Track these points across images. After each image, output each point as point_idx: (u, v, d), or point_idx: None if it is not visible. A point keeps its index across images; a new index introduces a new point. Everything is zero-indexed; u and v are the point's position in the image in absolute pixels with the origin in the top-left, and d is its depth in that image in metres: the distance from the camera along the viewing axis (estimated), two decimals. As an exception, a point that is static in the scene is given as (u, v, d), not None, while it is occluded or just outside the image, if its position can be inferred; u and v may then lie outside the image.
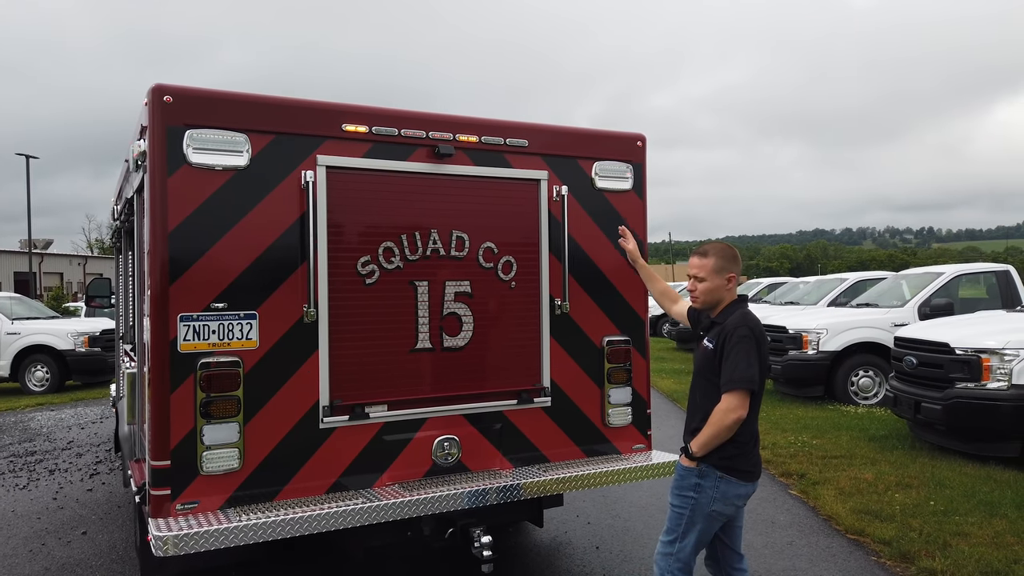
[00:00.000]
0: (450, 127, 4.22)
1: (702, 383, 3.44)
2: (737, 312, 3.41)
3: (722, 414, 3.22)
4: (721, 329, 3.37)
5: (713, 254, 3.46)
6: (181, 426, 3.59)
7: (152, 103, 3.56)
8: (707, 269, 3.44)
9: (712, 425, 3.25)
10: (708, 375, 3.39)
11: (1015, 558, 4.84)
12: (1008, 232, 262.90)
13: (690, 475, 3.36)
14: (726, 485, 3.32)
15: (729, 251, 3.51)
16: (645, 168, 4.89)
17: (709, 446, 3.27)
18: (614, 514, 6.07)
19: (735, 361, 3.24)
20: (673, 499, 3.43)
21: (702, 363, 3.43)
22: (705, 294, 3.47)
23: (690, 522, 3.35)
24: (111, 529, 5.94)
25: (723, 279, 3.45)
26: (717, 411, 3.25)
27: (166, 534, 3.33)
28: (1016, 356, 7.00)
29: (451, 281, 4.26)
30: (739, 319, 3.36)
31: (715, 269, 3.44)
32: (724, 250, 3.50)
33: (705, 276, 3.45)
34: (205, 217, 3.64)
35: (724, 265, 3.45)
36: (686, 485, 3.38)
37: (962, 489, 6.35)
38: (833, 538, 5.45)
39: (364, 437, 4.00)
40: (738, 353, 3.25)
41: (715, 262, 3.44)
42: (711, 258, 3.45)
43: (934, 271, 12.07)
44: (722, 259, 3.45)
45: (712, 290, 3.45)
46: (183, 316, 3.59)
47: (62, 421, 11.22)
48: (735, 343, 3.27)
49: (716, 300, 3.48)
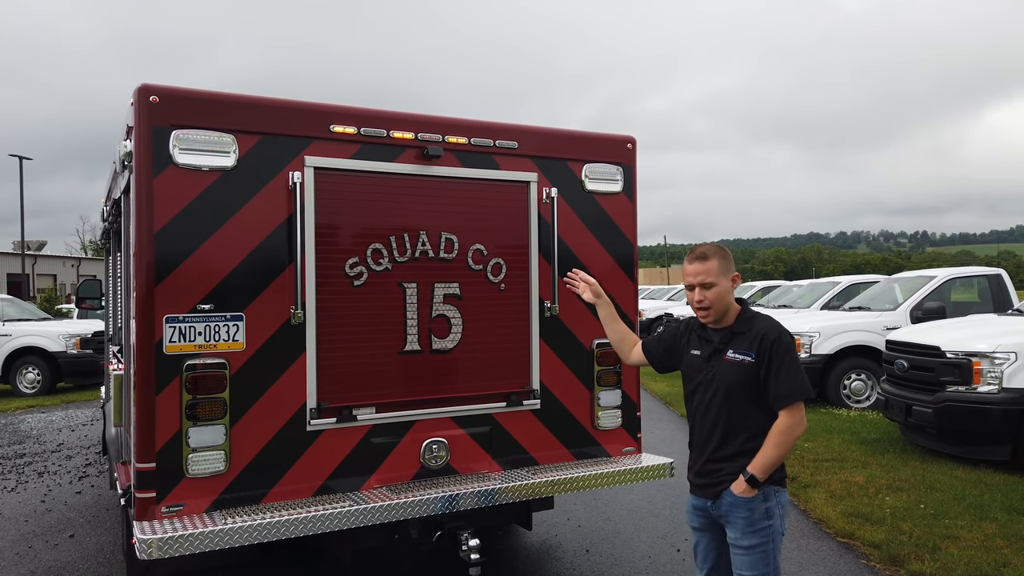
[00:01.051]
0: (439, 128, 4.21)
1: (738, 403, 3.04)
2: (760, 317, 3.12)
3: (788, 430, 2.93)
4: (754, 337, 3.03)
5: (714, 255, 3.10)
6: (167, 428, 3.56)
7: (138, 103, 3.54)
8: (713, 272, 3.06)
9: (779, 445, 2.94)
10: (747, 391, 3.01)
11: (1004, 561, 4.84)
12: (1001, 236, 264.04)
13: (758, 504, 2.99)
14: (783, 497, 3.07)
15: (725, 250, 3.19)
16: (635, 170, 4.89)
17: (774, 468, 2.98)
18: (605, 517, 6.06)
19: (791, 371, 2.95)
20: (747, 540, 2.98)
21: (737, 379, 3.03)
22: (717, 301, 3.07)
23: (774, 552, 3.01)
24: (99, 532, 5.90)
25: (729, 281, 3.11)
26: (781, 430, 2.94)
27: (151, 537, 3.31)
28: (1006, 360, 7.01)
29: (440, 283, 4.25)
30: (772, 324, 3.07)
31: (721, 271, 3.09)
32: (722, 250, 3.17)
33: (714, 280, 3.06)
34: (191, 218, 3.62)
35: (728, 265, 3.12)
36: (758, 517, 2.99)
37: (952, 492, 6.36)
38: (823, 541, 5.44)
39: (352, 440, 3.98)
40: (792, 362, 2.97)
41: (719, 263, 3.09)
42: (713, 260, 3.08)
43: (926, 275, 12.10)
44: (724, 259, 3.11)
45: (723, 295, 3.08)
46: (169, 317, 3.57)
47: (52, 423, 11.16)
48: (785, 351, 2.98)
49: (726, 307, 3.10)
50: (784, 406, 2.95)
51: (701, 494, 3.15)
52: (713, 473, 3.08)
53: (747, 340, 3.04)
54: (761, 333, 3.02)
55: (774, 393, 2.96)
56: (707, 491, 3.10)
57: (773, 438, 2.95)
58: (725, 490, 3.03)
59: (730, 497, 3.01)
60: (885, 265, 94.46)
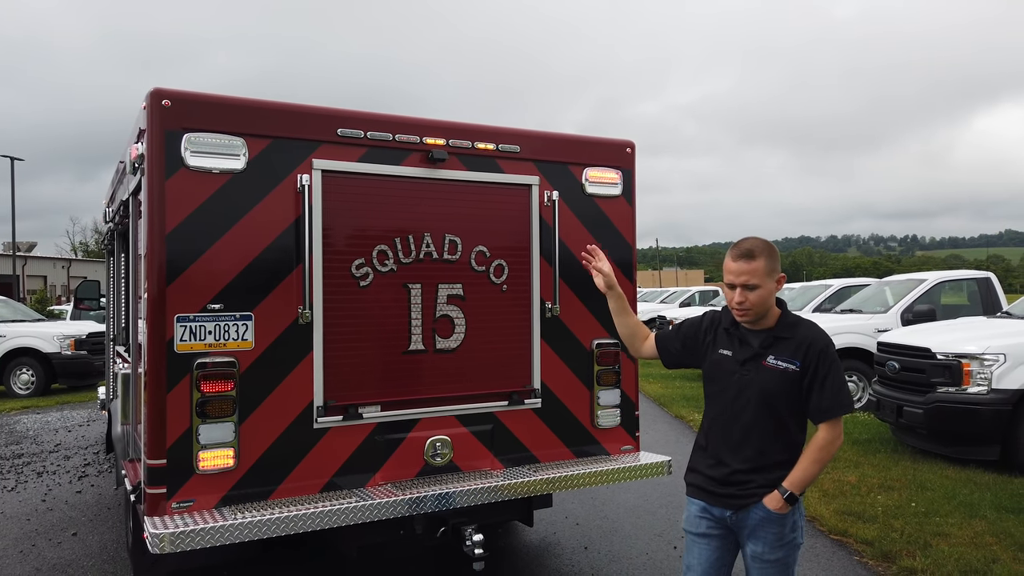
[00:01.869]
0: (443, 132, 4.30)
1: (771, 412, 2.85)
2: (804, 322, 2.92)
3: (828, 446, 2.78)
4: (799, 344, 2.83)
5: (761, 254, 2.83)
6: (177, 426, 3.63)
7: (151, 107, 3.61)
8: (759, 274, 2.81)
9: (819, 461, 2.79)
10: (786, 400, 2.83)
11: (993, 558, 4.95)
12: (991, 240, 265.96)
13: (789, 518, 2.85)
14: (802, 506, 2.94)
15: (774, 249, 2.90)
16: (634, 174, 4.99)
17: (811, 484, 2.87)
18: (603, 515, 6.15)
19: (837, 384, 2.79)
20: (774, 554, 2.85)
21: (778, 387, 2.83)
22: (759, 304, 2.84)
23: (794, 563, 2.92)
24: (101, 531, 5.95)
25: (774, 283, 2.86)
26: (822, 445, 2.78)
27: (162, 531, 3.38)
28: (996, 361, 7.14)
29: (444, 284, 4.33)
30: (819, 332, 2.88)
31: (768, 272, 2.83)
32: (771, 248, 2.88)
33: (759, 282, 2.81)
34: (202, 219, 3.69)
35: (775, 266, 2.87)
36: (787, 531, 2.86)
37: (943, 491, 6.48)
38: (817, 538, 5.55)
39: (357, 437, 4.06)
40: (838, 374, 2.81)
41: (766, 263, 2.82)
42: (761, 259, 2.81)
43: (917, 278, 12.26)
44: (772, 259, 2.85)
45: (766, 298, 2.84)
46: (180, 317, 3.64)
47: (48, 424, 11.16)
48: (832, 362, 2.81)
49: (766, 310, 2.88)
50: (825, 420, 2.79)
51: (721, 504, 2.94)
52: (743, 484, 2.88)
53: (791, 347, 2.84)
54: (808, 341, 2.84)
55: (817, 406, 2.80)
56: (731, 502, 2.91)
57: (812, 454, 2.79)
58: (756, 504, 2.86)
59: (762, 512, 2.85)
60: (876, 269, 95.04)
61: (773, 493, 2.82)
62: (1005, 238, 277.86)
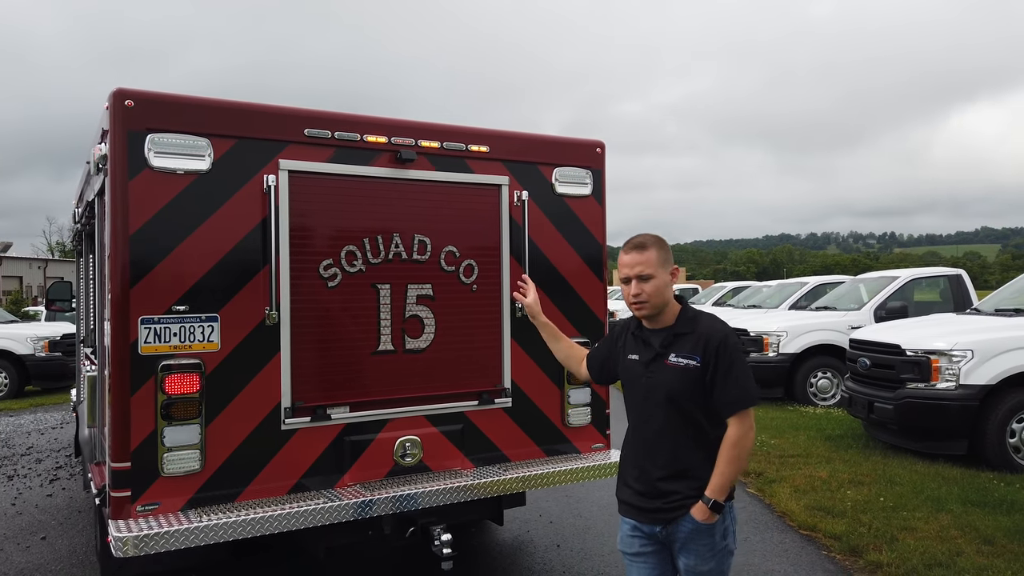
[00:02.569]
0: (412, 133, 4.30)
1: (680, 413, 2.79)
2: (703, 316, 2.89)
3: (739, 442, 2.69)
4: (699, 339, 2.78)
5: (652, 245, 2.86)
6: (142, 428, 3.61)
7: (113, 107, 3.58)
8: (652, 264, 2.82)
9: (733, 460, 2.69)
10: (693, 399, 2.77)
11: (958, 551, 5.04)
12: (967, 237, 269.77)
13: (719, 526, 2.76)
14: (733, 510, 2.85)
15: (664, 241, 2.93)
16: (604, 174, 5.01)
17: (732, 486, 2.75)
18: (576, 513, 6.18)
19: (739, 376, 2.72)
20: (707, 564, 2.76)
21: (682, 386, 2.78)
22: (655, 295, 2.82)
23: (727, 570, 2.83)
24: (71, 534, 5.89)
25: (668, 273, 2.87)
26: (733, 442, 2.69)
27: (126, 535, 3.36)
28: (963, 357, 7.25)
29: (413, 284, 4.33)
30: (717, 324, 2.84)
31: (660, 262, 2.84)
32: (661, 241, 2.91)
33: (652, 272, 2.82)
34: (166, 220, 3.66)
35: (667, 257, 2.87)
36: (719, 539, 2.76)
37: (911, 486, 6.57)
38: (786, 534, 5.61)
39: (326, 438, 4.05)
40: (740, 365, 2.74)
41: (658, 254, 2.84)
42: (652, 250, 2.84)
43: (890, 275, 12.42)
44: (663, 250, 2.86)
45: (662, 289, 2.83)
46: (144, 319, 3.62)
47: (21, 427, 11.03)
48: (733, 354, 2.74)
49: (664, 302, 2.86)
50: (732, 413, 2.72)
51: (650, 520, 2.84)
52: (666, 496, 2.80)
53: (691, 342, 2.80)
54: (706, 335, 2.79)
55: (721, 399, 2.73)
56: (659, 516, 2.82)
57: (725, 453, 2.71)
58: (684, 516, 2.76)
59: (691, 524, 2.75)
60: (855, 266, 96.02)
61: (698, 504, 2.74)
62: (981, 235, 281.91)
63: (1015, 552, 4.99)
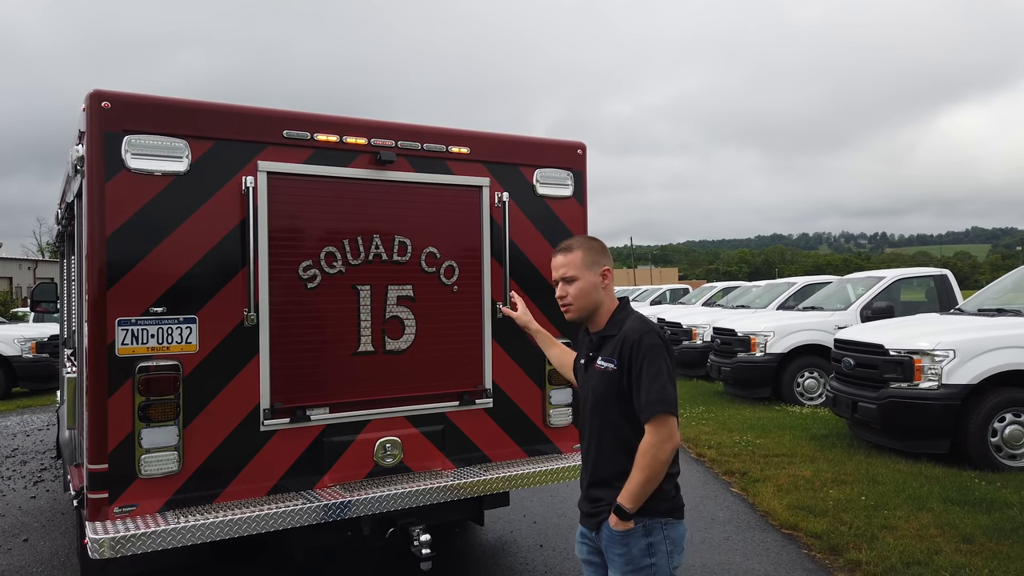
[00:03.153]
0: (392, 134, 4.31)
1: (603, 419, 2.73)
2: (632, 317, 2.77)
3: (655, 449, 2.54)
4: (619, 341, 2.68)
5: (579, 247, 2.83)
6: (119, 430, 3.60)
7: (90, 109, 3.58)
8: (576, 265, 2.79)
9: (644, 468, 2.54)
10: (612, 404, 2.69)
11: (936, 549, 5.08)
12: (958, 237, 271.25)
13: (636, 539, 2.62)
14: (673, 531, 2.67)
15: (597, 242, 2.88)
16: (586, 176, 5.03)
17: (646, 495, 2.58)
18: (560, 513, 6.20)
19: (654, 377, 2.58)
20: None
21: (601, 391, 2.72)
22: (579, 297, 2.79)
23: None
24: (54, 536, 5.88)
25: (596, 275, 2.80)
26: (644, 450, 2.55)
27: (103, 537, 3.35)
28: (946, 357, 7.30)
29: (393, 285, 4.34)
30: (639, 324, 2.71)
31: (585, 264, 2.80)
32: (590, 241, 2.88)
33: (576, 274, 2.78)
34: (144, 222, 3.66)
35: (595, 258, 2.82)
36: (637, 554, 2.62)
37: (893, 485, 6.62)
38: (768, 533, 5.65)
39: (305, 439, 4.06)
40: (652, 367, 2.59)
41: (583, 255, 2.81)
42: (577, 251, 2.81)
43: (876, 275, 12.49)
44: (591, 252, 2.82)
45: (586, 291, 2.78)
46: (121, 320, 3.61)
47: (7, 428, 10.98)
48: (646, 354, 2.60)
49: (593, 305, 2.81)
50: (646, 419, 2.57)
51: (587, 525, 2.82)
52: (595, 501, 2.76)
53: (612, 345, 2.72)
54: (624, 336, 2.68)
55: (636, 404, 2.61)
56: (590, 521, 2.79)
57: (638, 460, 2.57)
58: (604, 522, 2.69)
59: (607, 531, 2.66)
60: (846, 266, 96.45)
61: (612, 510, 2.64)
62: (972, 235, 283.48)
63: (993, 550, 5.03)
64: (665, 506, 2.65)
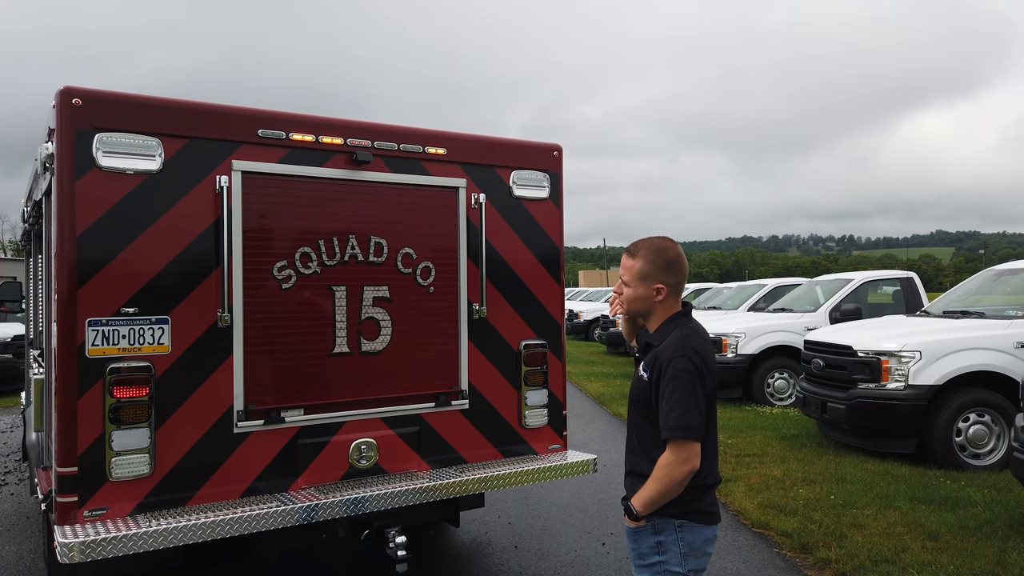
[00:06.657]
0: (368, 134, 4.29)
1: (638, 420, 2.79)
2: (675, 333, 2.70)
3: (670, 467, 2.58)
4: (656, 355, 2.70)
5: (643, 256, 2.75)
6: (89, 432, 3.55)
7: (60, 106, 3.52)
8: (632, 273, 2.76)
9: (658, 481, 2.59)
10: (644, 410, 2.74)
11: (903, 547, 5.18)
12: (923, 240, 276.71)
13: (644, 535, 2.69)
14: (690, 533, 2.67)
15: (663, 254, 2.75)
16: (562, 177, 5.05)
17: (657, 505, 2.63)
18: (534, 514, 6.21)
19: (674, 403, 2.58)
20: (639, 572, 2.74)
21: (637, 395, 2.79)
22: (628, 301, 2.80)
23: None
24: (18, 540, 5.75)
25: (649, 289, 2.74)
26: (663, 463, 2.59)
27: (72, 541, 3.29)
28: (912, 358, 7.45)
29: (369, 286, 4.32)
30: (677, 345, 2.65)
31: (640, 275, 2.75)
32: (656, 253, 2.75)
33: (629, 281, 2.78)
34: (115, 221, 3.61)
35: (652, 273, 2.73)
36: (646, 550, 2.69)
37: (862, 484, 6.73)
38: (740, 531, 5.71)
39: (280, 441, 4.02)
40: (675, 394, 2.58)
41: (641, 267, 2.75)
42: (638, 261, 2.76)
43: (844, 277, 12.70)
44: (651, 265, 2.74)
45: (635, 300, 2.78)
46: (91, 321, 3.55)
47: (-32, 431, 10.70)
48: (672, 378, 2.60)
49: (640, 312, 2.81)
50: (668, 440, 2.60)
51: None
52: (627, 489, 2.84)
53: (652, 356, 2.74)
54: (658, 352, 2.69)
55: (660, 421, 2.64)
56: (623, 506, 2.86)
57: (655, 471, 2.63)
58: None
59: (624, 523, 2.79)
60: (815, 268, 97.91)
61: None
62: (936, 238, 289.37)
63: (958, 547, 5.15)
64: (678, 508, 2.66)
